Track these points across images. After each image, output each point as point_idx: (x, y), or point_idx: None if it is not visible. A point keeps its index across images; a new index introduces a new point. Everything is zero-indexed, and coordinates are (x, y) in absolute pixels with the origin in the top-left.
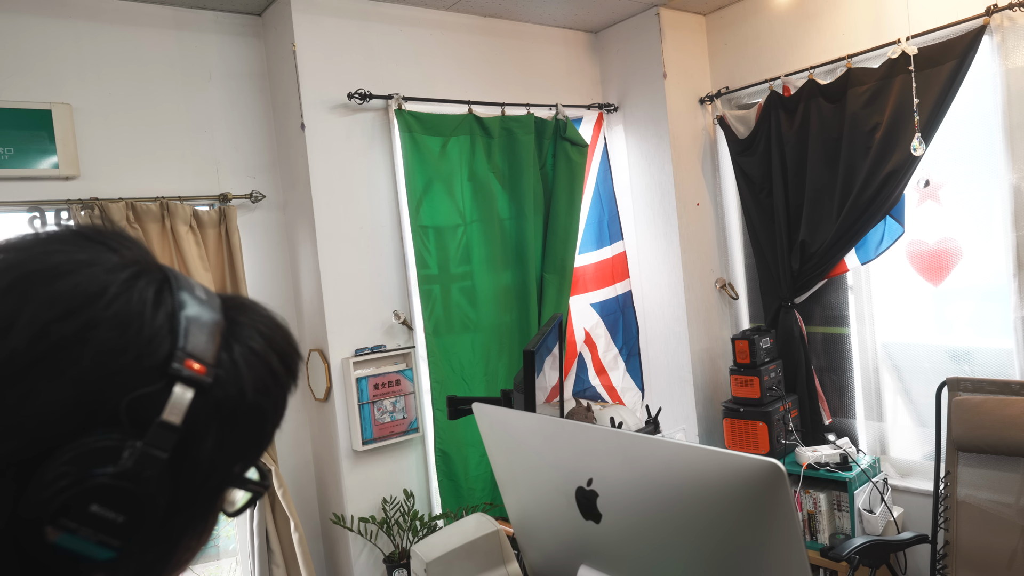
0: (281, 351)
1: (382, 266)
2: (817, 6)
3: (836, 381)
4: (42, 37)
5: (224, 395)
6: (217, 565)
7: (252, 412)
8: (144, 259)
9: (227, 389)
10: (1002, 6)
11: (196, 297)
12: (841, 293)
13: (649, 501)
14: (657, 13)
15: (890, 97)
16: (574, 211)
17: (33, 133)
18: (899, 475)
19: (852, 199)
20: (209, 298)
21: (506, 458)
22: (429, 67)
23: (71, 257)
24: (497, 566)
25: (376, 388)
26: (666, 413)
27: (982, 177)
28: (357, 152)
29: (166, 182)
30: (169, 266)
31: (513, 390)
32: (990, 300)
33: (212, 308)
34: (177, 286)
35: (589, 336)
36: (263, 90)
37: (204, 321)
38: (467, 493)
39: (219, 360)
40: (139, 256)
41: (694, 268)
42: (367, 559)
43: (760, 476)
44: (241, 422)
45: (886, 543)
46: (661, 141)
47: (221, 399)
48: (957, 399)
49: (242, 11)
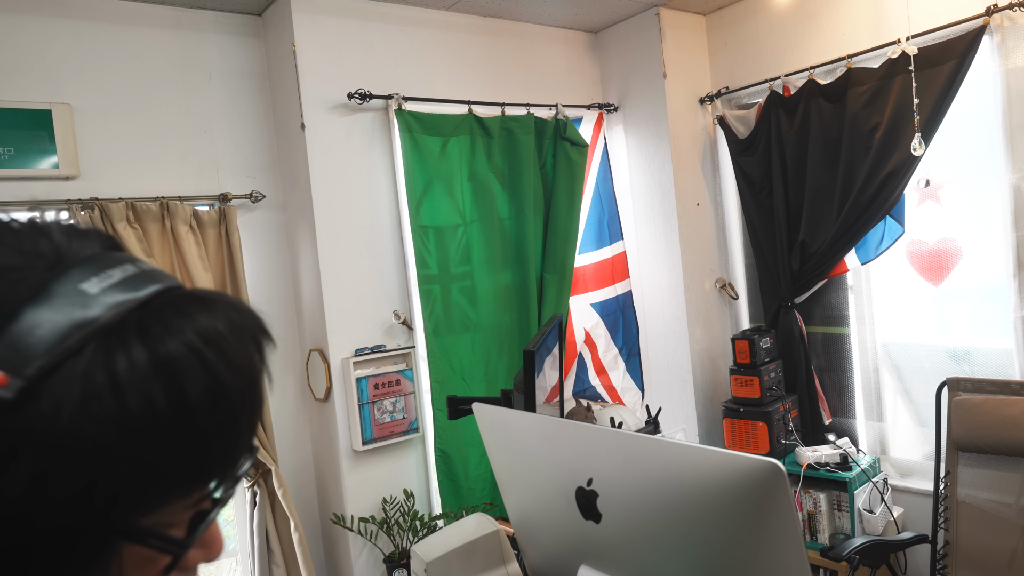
0: (208, 370)
1: (382, 266)
2: (817, 6)
3: (836, 381)
4: (42, 37)
5: (39, 415)
6: (217, 565)
7: (95, 441)
8: (77, 255)
9: (44, 407)
10: (1002, 6)
11: (78, 292)
12: (841, 293)
13: (649, 501)
14: (657, 13)
15: (890, 97)
16: (574, 211)
17: (33, 133)
18: (899, 475)
19: (852, 199)
20: (112, 291)
21: (506, 458)
22: (429, 67)
23: None
24: (497, 566)
25: (376, 388)
26: (666, 413)
27: (982, 177)
28: (357, 152)
29: (166, 182)
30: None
31: (513, 390)
32: (990, 300)
33: (100, 305)
34: (73, 281)
35: (589, 336)
36: (263, 90)
37: (52, 319)
38: (467, 493)
39: (46, 371)
40: (80, 252)
41: (694, 268)
42: (367, 559)
43: (760, 476)
44: (79, 451)
45: (886, 543)
46: (661, 141)
47: (34, 419)
48: (957, 399)
49: (242, 11)
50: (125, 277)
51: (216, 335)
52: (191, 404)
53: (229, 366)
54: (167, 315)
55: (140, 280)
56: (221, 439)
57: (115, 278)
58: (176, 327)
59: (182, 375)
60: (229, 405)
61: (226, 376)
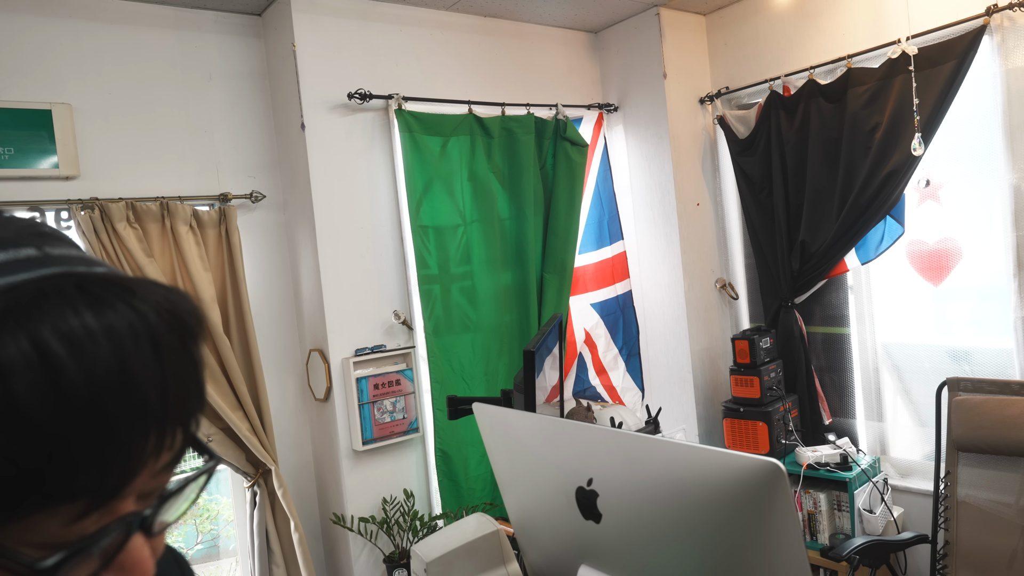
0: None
1: (382, 266)
2: (817, 6)
3: (836, 381)
4: (42, 37)
5: None
6: (217, 565)
7: None
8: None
9: None
10: (1002, 6)
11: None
12: (841, 293)
13: (649, 501)
14: (657, 13)
15: (890, 97)
16: (574, 211)
17: (33, 133)
18: (899, 475)
19: (852, 199)
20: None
21: (506, 458)
22: (429, 67)
23: None
24: (497, 566)
25: (376, 388)
26: (666, 413)
27: (982, 177)
28: (357, 152)
29: (166, 182)
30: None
31: (513, 390)
32: (990, 300)
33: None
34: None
35: (589, 336)
36: (263, 90)
37: None
38: (467, 493)
39: None
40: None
41: (694, 268)
42: (367, 559)
43: (760, 476)
44: None
45: (886, 543)
46: (661, 141)
47: None
48: (957, 399)
49: (242, 11)
50: (9, 260)
51: (77, 325)
52: (18, 401)
53: (83, 361)
54: (31, 301)
55: (29, 264)
56: (78, 445)
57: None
58: (27, 313)
59: (9, 370)
60: (76, 406)
61: (74, 373)
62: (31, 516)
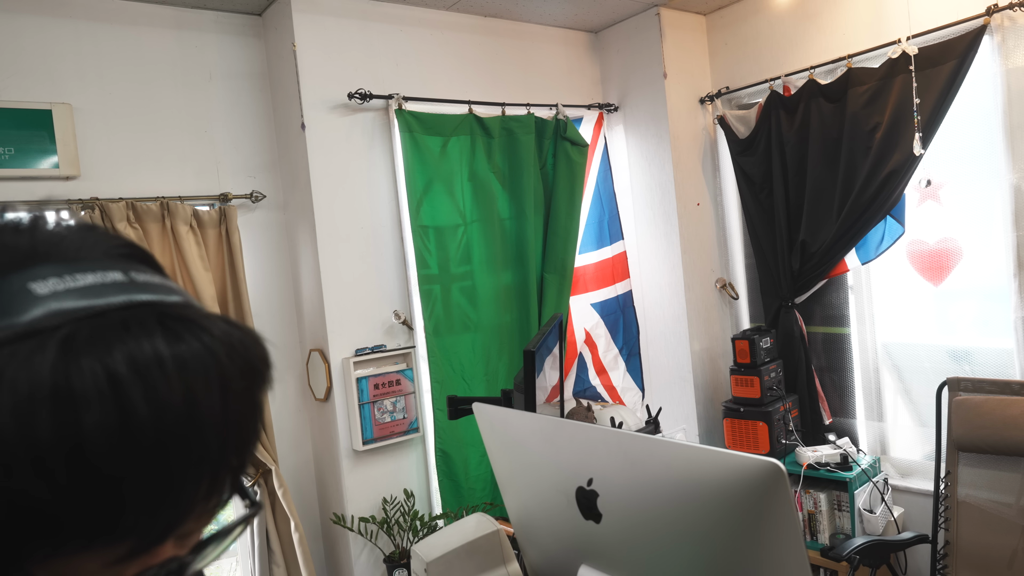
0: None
1: (382, 266)
2: (817, 6)
3: (836, 381)
4: (42, 37)
5: None
6: (217, 565)
7: None
8: (56, 254)
9: None
10: (1002, 6)
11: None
12: (841, 293)
13: (649, 501)
14: (657, 13)
15: (890, 97)
16: (574, 211)
17: (33, 133)
18: (899, 475)
19: (852, 199)
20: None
21: (506, 458)
22: (429, 67)
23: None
24: (497, 566)
25: (376, 388)
26: (666, 413)
27: (982, 177)
28: (357, 152)
29: (166, 182)
30: None
31: (513, 390)
32: (990, 300)
33: (40, 308)
34: (24, 279)
35: (589, 336)
36: (263, 90)
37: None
38: (467, 493)
39: None
40: (66, 251)
41: (694, 268)
42: (367, 559)
43: (760, 476)
44: None
45: (886, 543)
46: (661, 141)
47: None
48: (957, 399)
49: (242, 11)
50: (97, 284)
51: (154, 363)
52: (84, 437)
53: (155, 402)
54: (112, 331)
55: (116, 289)
56: (133, 487)
57: (82, 282)
58: (109, 344)
59: (82, 403)
60: (141, 447)
61: (144, 413)
62: (74, 556)
